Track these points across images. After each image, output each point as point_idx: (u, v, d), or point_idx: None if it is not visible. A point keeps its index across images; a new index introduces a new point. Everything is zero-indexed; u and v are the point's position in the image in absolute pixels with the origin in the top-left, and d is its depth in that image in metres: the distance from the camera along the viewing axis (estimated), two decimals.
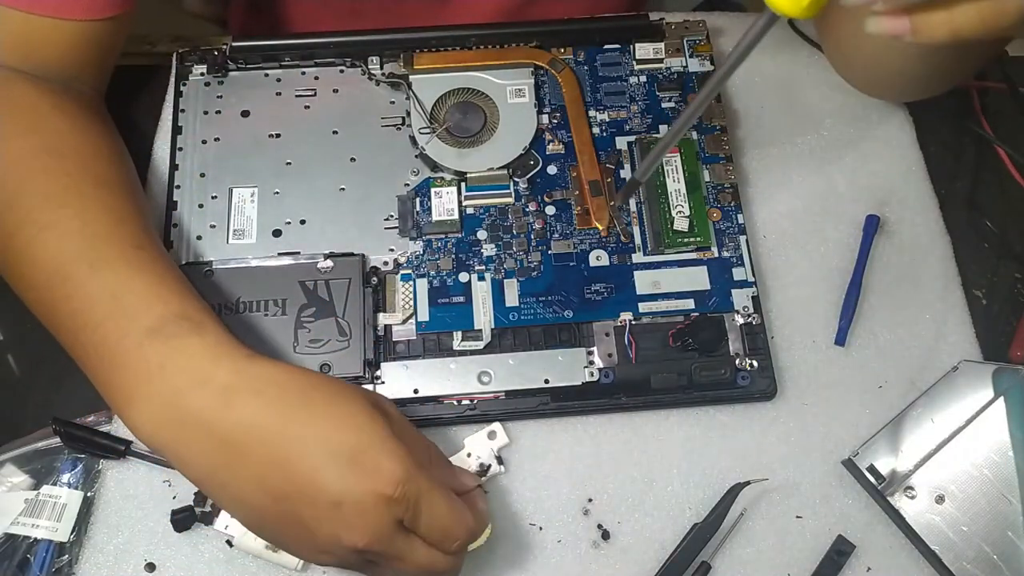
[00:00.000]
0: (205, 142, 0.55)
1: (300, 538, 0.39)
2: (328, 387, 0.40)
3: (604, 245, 0.53)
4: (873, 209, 0.56)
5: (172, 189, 0.53)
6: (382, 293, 0.51)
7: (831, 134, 0.58)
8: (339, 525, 0.37)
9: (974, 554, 0.46)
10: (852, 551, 0.47)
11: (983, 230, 0.57)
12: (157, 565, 0.46)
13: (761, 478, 0.48)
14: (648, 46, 0.58)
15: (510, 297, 0.51)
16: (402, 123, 0.55)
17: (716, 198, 0.54)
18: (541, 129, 0.55)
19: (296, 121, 0.55)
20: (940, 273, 0.55)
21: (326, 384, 0.40)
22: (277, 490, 0.38)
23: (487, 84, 0.56)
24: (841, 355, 0.52)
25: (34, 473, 0.48)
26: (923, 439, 0.48)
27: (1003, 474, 0.47)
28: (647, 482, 0.49)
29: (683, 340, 0.50)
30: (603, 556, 0.47)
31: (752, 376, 0.50)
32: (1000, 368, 0.49)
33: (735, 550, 0.48)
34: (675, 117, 0.56)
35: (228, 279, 0.50)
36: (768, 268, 0.54)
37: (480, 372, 0.49)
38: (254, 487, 0.38)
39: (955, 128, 0.60)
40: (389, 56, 0.57)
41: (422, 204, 0.53)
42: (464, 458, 0.49)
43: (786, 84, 0.60)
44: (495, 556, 0.47)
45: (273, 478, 0.38)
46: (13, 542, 0.47)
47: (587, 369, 0.50)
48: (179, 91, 0.56)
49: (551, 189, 0.54)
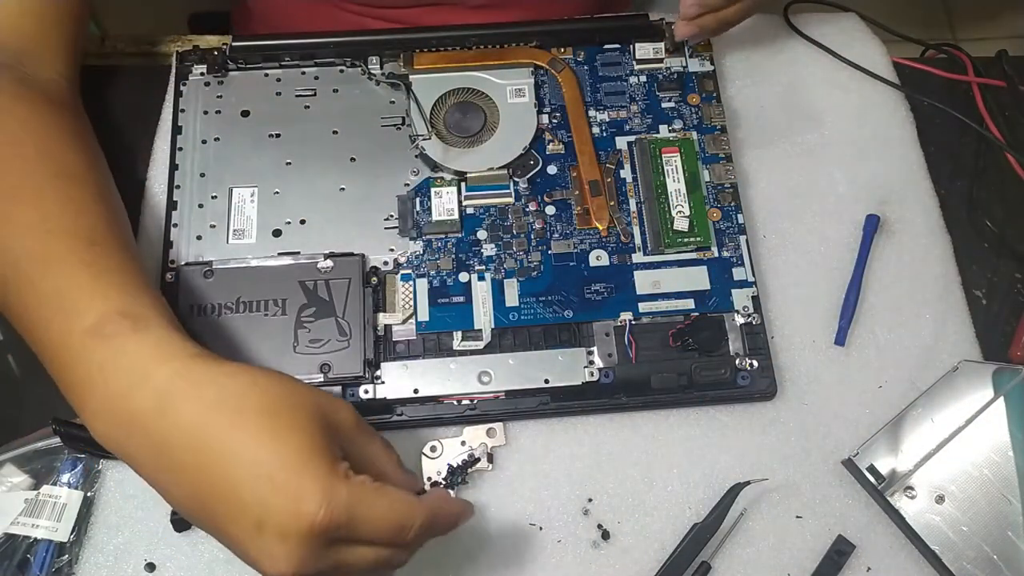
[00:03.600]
0: (205, 142, 0.55)
1: (237, 553, 0.37)
2: (269, 393, 0.38)
3: (604, 245, 0.53)
4: (873, 209, 0.56)
5: (172, 189, 0.53)
6: (382, 293, 0.51)
7: (831, 134, 0.58)
8: (261, 550, 0.35)
9: (974, 554, 0.46)
10: (852, 551, 0.47)
11: (983, 230, 0.57)
12: (157, 565, 0.46)
13: (761, 478, 0.48)
14: (648, 46, 0.58)
15: (510, 297, 0.51)
16: (402, 123, 0.55)
17: (716, 198, 0.54)
18: (541, 129, 0.55)
19: (296, 121, 0.55)
20: (940, 273, 0.55)
21: (273, 391, 0.38)
22: (207, 502, 0.36)
23: (487, 84, 0.56)
24: (841, 355, 0.52)
25: (34, 473, 0.48)
26: (923, 439, 0.48)
27: (1003, 474, 0.47)
28: (647, 482, 0.49)
29: (683, 340, 0.50)
30: (603, 556, 0.47)
31: (752, 376, 0.50)
32: (1000, 368, 0.49)
33: (735, 550, 0.48)
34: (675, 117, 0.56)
35: (228, 279, 0.50)
36: (768, 268, 0.54)
37: (480, 372, 0.49)
38: (188, 495, 0.37)
39: (955, 128, 0.60)
40: (389, 56, 0.57)
41: (422, 204, 0.53)
42: (458, 446, 0.49)
43: (786, 84, 0.60)
44: (495, 556, 0.47)
45: (202, 489, 0.36)
46: (13, 542, 0.47)
47: (587, 369, 0.50)
48: (179, 91, 0.56)
49: (551, 189, 0.54)
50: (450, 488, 0.48)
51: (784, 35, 0.62)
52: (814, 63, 0.61)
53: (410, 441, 0.49)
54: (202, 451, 0.36)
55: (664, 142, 0.54)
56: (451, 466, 0.48)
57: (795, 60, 0.61)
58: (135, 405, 0.38)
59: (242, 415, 0.37)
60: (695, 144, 0.55)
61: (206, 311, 0.49)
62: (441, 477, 0.48)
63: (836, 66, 0.60)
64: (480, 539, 0.47)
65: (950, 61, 0.62)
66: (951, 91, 0.61)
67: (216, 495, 0.36)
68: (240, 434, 0.36)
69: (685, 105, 0.57)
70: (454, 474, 0.48)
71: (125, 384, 0.38)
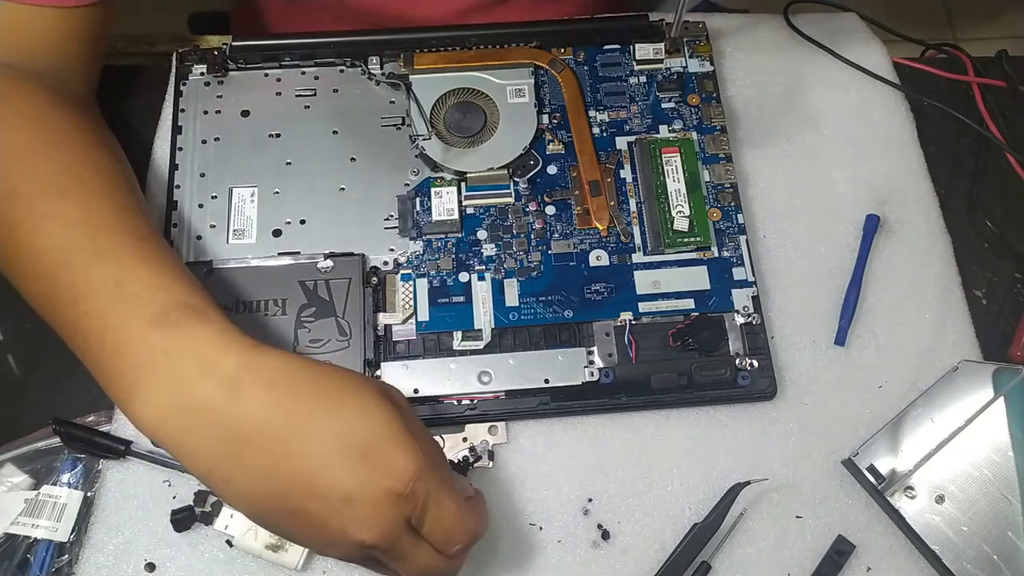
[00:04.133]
0: (205, 142, 0.55)
1: (307, 531, 0.38)
2: (339, 378, 0.39)
3: (604, 245, 0.53)
4: (873, 209, 0.56)
5: (172, 189, 0.53)
6: (382, 293, 0.51)
7: (831, 134, 0.58)
8: (348, 521, 0.37)
9: (974, 554, 0.46)
10: (852, 551, 0.47)
11: (983, 230, 0.57)
12: (157, 565, 0.46)
13: (761, 478, 0.48)
14: (648, 46, 0.58)
15: (510, 297, 0.51)
16: (402, 123, 0.55)
17: (716, 198, 0.54)
18: (541, 129, 0.55)
19: (296, 121, 0.55)
20: (940, 273, 0.55)
21: (337, 375, 0.39)
22: (285, 484, 0.37)
23: (487, 84, 0.56)
24: (841, 355, 0.52)
25: (34, 473, 0.48)
26: (923, 439, 0.48)
27: (1003, 474, 0.47)
28: (647, 482, 0.49)
29: (683, 340, 0.50)
30: (603, 556, 0.47)
31: (752, 376, 0.50)
32: (1000, 368, 0.49)
33: (735, 550, 0.48)
34: (675, 117, 0.56)
35: (228, 279, 0.50)
36: (768, 268, 0.54)
37: (480, 372, 0.49)
38: (260, 480, 0.38)
39: (955, 128, 0.60)
40: (389, 56, 0.57)
41: (422, 204, 0.54)
42: (459, 441, 0.49)
43: (786, 84, 0.60)
44: (495, 556, 0.47)
45: (281, 471, 0.37)
46: (13, 542, 0.47)
47: (587, 369, 0.50)
48: (179, 91, 0.56)
49: (551, 189, 0.54)
50: None
51: (784, 35, 0.62)
52: (814, 63, 0.61)
53: None
54: (279, 435, 0.37)
55: (664, 142, 0.54)
56: (452, 462, 0.48)
57: (795, 60, 0.61)
58: (202, 392, 0.38)
59: (319, 397, 0.38)
60: (695, 144, 0.55)
61: None
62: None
63: (836, 66, 0.60)
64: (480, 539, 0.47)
65: (950, 61, 0.62)
66: (951, 91, 0.61)
67: (296, 476, 0.37)
68: (322, 415, 0.37)
69: (685, 105, 0.57)
70: (455, 470, 0.48)
71: (192, 371, 0.38)
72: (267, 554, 0.46)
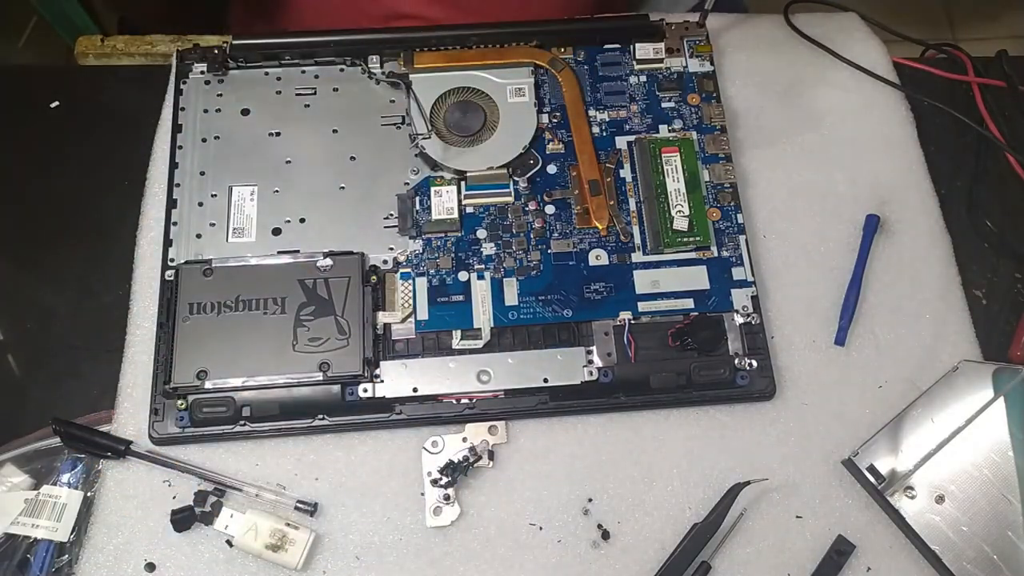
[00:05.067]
0: (205, 140, 0.55)
1: None
2: None
3: (603, 244, 0.53)
4: (873, 209, 0.56)
5: (172, 187, 0.53)
6: (381, 292, 0.51)
7: (831, 134, 0.58)
8: None
9: (974, 554, 0.46)
10: (852, 551, 0.47)
11: (983, 230, 0.57)
12: (157, 565, 0.46)
13: (761, 478, 0.48)
14: (648, 46, 0.58)
15: (509, 296, 0.51)
16: (402, 122, 0.55)
17: (716, 198, 0.54)
18: (541, 128, 0.55)
19: (296, 120, 0.55)
20: (940, 273, 0.55)
21: None
22: None
23: (487, 83, 0.56)
24: (841, 355, 0.52)
25: (34, 473, 0.48)
26: (923, 439, 0.48)
27: (1003, 474, 0.47)
28: (647, 482, 0.49)
29: (682, 340, 0.50)
30: (603, 556, 0.47)
31: (751, 376, 0.50)
32: (1000, 368, 0.49)
33: (735, 550, 0.48)
34: (675, 117, 0.56)
35: (227, 277, 0.50)
36: (768, 268, 0.54)
37: (479, 371, 0.49)
38: None
39: (955, 128, 0.60)
40: (389, 55, 0.57)
41: (422, 203, 0.53)
42: (459, 442, 0.49)
43: (786, 84, 0.60)
44: (495, 556, 0.47)
45: None
46: (13, 542, 0.47)
47: (586, 368, 0.50)
48: (179, 89, 0.56)
49: (551, 188, 0.54)
50: (450, 485, 0.48)
51: (784, 35, 0.62)
52: (814, 63, 0.61)
53: (411, 438, 0.49)
54: None
55: (664, 142, 0.54)
56: (451, 462, 0.48)
57: (795, 60, 0.61)
58: None
59: None
60: (695, 144, 0.55)
61: (205, 309, 0.49)
62: (440, 472, 0.48)
63: (836, 66, 0.60)
64: (480, 539, 0.47)
65: (950, 61, 0.62)
66: (951, 91, 0.61)
67: None
68: None
69: (685, 105, 0.57)
70: (454, 470, 0.47)
71: None
72: (267, 554, 0.46)
